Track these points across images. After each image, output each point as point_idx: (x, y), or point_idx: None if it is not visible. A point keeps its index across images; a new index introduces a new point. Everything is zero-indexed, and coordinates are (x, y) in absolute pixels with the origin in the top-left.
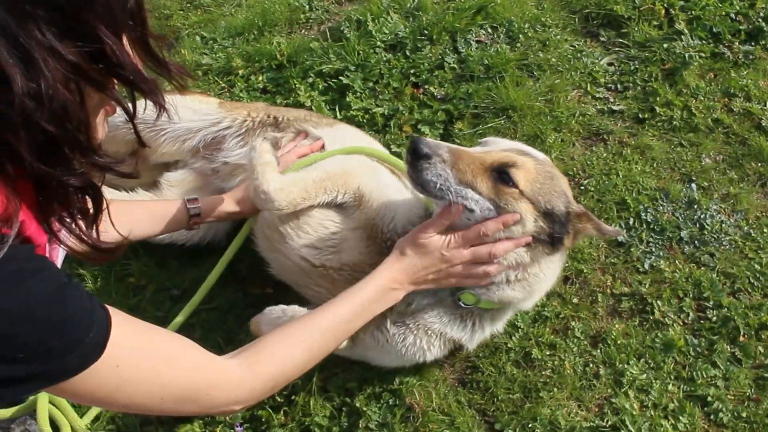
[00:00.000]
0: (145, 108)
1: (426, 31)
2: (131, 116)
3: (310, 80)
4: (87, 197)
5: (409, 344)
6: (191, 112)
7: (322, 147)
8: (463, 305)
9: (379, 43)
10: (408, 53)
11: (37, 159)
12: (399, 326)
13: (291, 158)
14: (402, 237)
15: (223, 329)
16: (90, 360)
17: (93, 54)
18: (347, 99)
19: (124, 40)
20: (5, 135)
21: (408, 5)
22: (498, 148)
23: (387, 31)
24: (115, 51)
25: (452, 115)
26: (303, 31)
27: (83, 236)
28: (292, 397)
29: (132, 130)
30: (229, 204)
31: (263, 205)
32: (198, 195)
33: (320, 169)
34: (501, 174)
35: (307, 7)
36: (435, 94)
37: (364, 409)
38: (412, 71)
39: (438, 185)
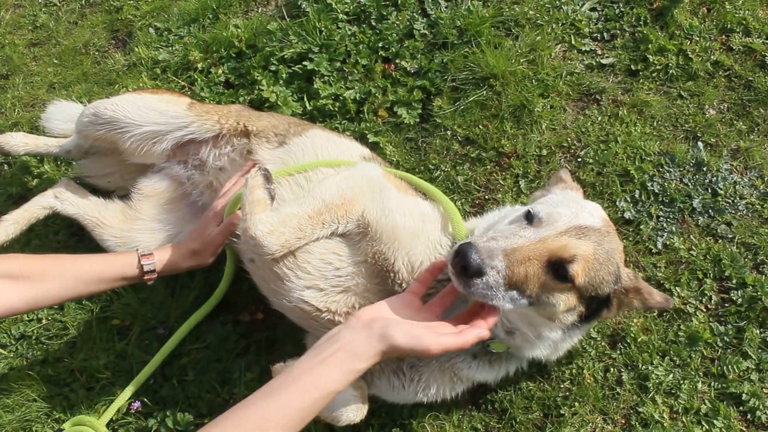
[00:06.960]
0: None
1: None
2: None
3: (273, 68)
4: None
5: (432, 393)
6: (157, 114)
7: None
8: (493, 351)
9: (341, 15)
10: (374, 23)
11: None
12: (417, 369)
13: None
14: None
15: (218, 369)
16: None
17: None
18: (315, 85)
19: None
20: None
21: None
22: (555, 229)
23: (348, 1)
24: None
25: (429, 92)
26: (260, 8)
27: None
28: None
29: None
30: (184, 258)
31: (253, 250)
32: (172, 209)
33: (317, 200)
34: (558, 269)
35: None
36: (408, 68)
37: None
38: (380, 44)
39: (487, 296)
